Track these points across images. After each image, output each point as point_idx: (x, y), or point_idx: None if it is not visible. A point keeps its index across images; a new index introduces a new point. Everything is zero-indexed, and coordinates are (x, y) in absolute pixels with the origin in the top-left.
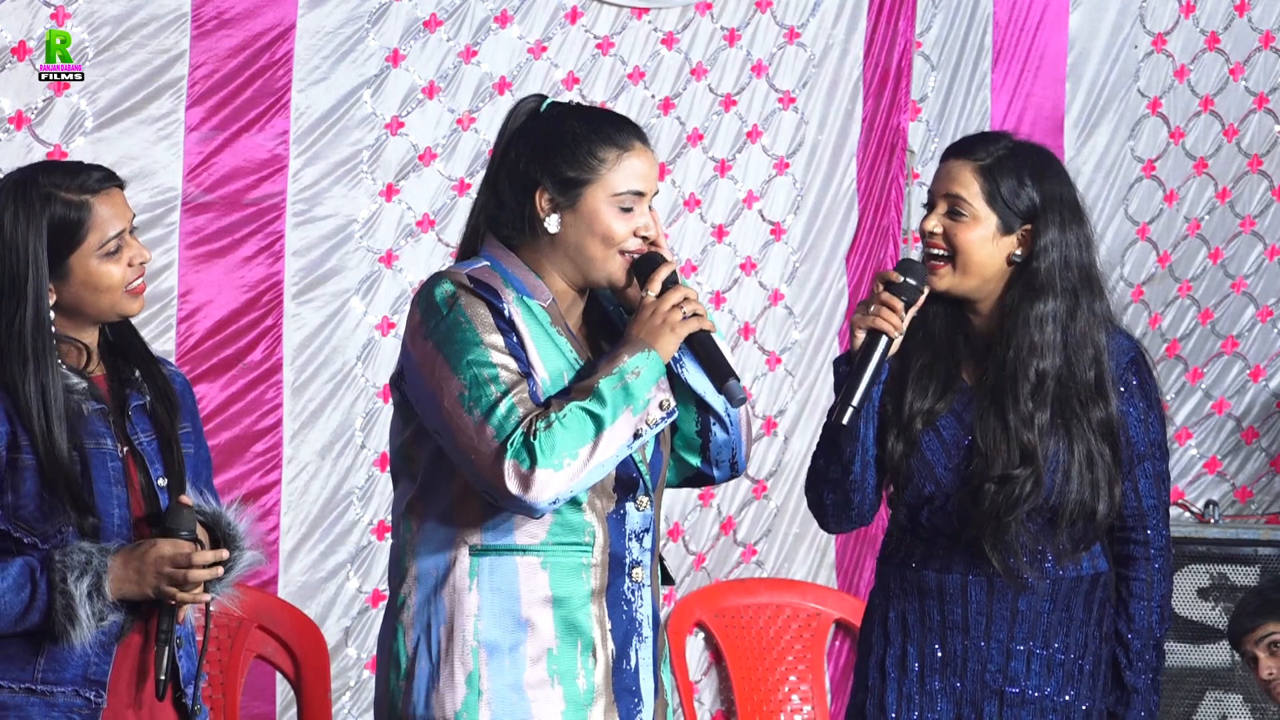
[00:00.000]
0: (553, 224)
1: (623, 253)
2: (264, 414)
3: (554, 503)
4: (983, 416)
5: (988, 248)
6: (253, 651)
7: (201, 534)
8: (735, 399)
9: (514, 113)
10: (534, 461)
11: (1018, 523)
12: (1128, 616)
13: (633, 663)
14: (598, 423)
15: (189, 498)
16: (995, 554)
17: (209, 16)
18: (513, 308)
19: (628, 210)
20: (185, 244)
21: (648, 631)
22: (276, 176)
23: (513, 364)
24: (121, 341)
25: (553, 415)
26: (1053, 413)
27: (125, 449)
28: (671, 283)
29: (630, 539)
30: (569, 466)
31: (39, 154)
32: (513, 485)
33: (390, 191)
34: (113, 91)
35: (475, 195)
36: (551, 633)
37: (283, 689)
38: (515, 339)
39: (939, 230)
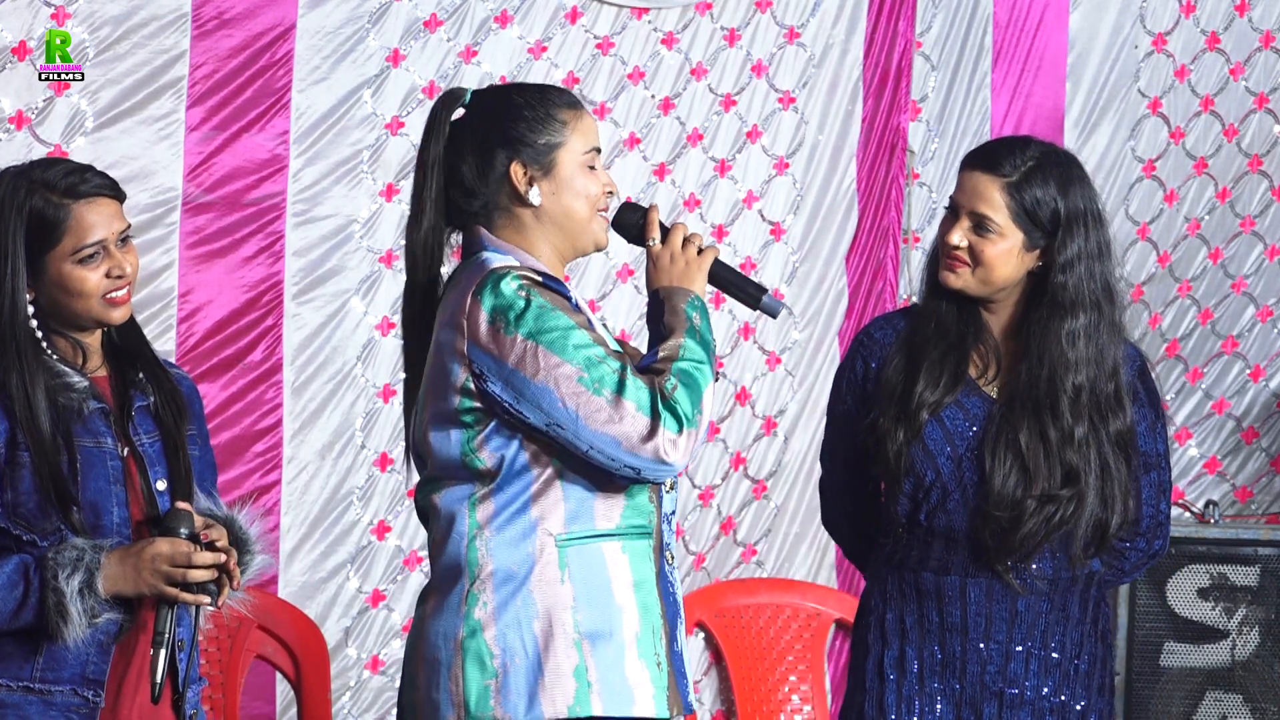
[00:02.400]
0: (534, 196)
1: (600, 212)
2: (264, 414)
3: (686, 462)
4: (1018, 429)
5: (1013, 263)
6: (253, 651)
7: (220, 534)
8: (775, 312)
9: (441, 110)
10: (681, 425)
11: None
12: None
13: (680, 645)
14: (705, 375)
15: (194, 502)
16: (1010, 568)
17: (209, 16)
18: (571, 291)
19: (592, 169)
20: (185, 244)
21: (683, 613)
22: (277, 176)
23: (607, 338)
24: (126, 343)
25: (672, 378)
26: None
27: (126, 449)
28: (663, 226)
29: (664, 522)
30: (700, 422)
31: (39, 154)
32: (669, 452)
33: (390, 191)
34: (113, 91)
35: (418, 203)
36: (636, 616)
37: (283, 689)
38: (587, 319)
39: (964, 244)
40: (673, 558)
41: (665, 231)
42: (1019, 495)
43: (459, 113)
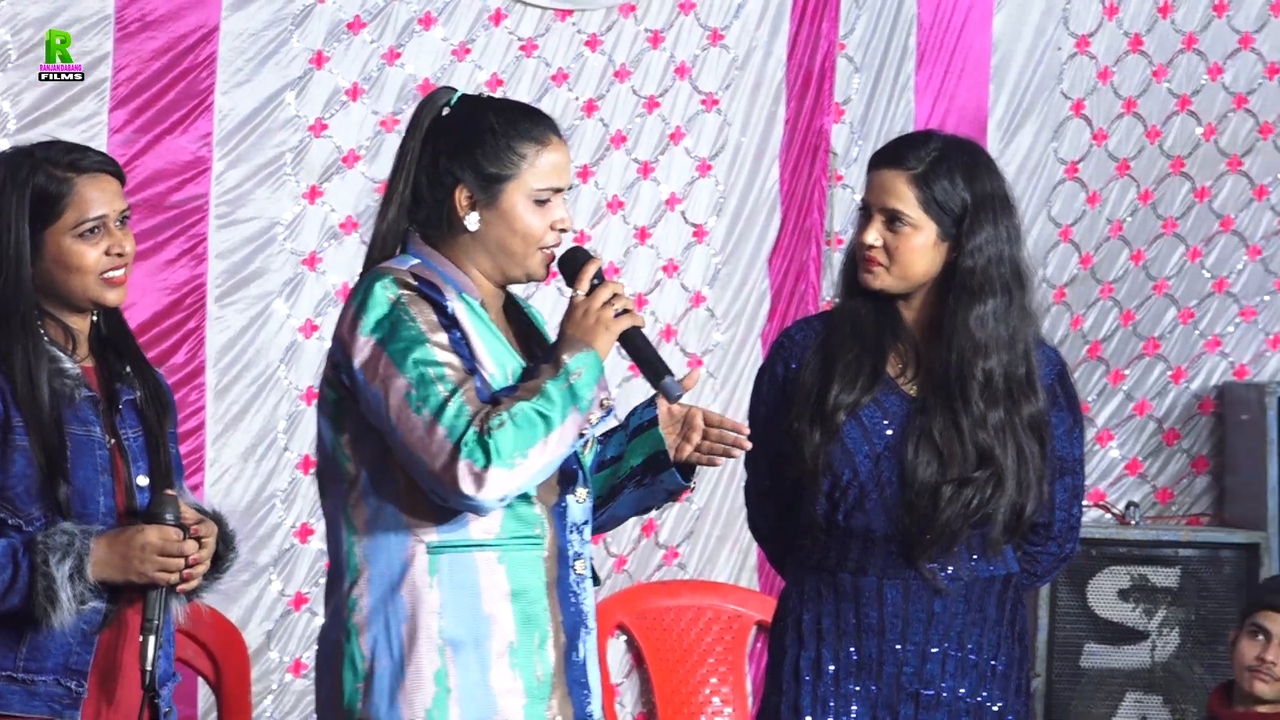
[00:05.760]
0: (472, 222)
1: (542, 249)
2: (187, 417)
3: (501, 500)
4: (932, 419)
5: (929, 255)
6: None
7: (209, 530)
8: (671, 396)
9: (426, 106)
10: (488, 460)
11: (966, 527)
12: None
13: (581, 655)
14: (547, 423)
15: (181, 496)
16: (931, 560)
17: (132, 19)
18: (455, 304)
19: (544, 204)
20: None
21: (592, 624)
22: (200, 179)
23: (458, 361)
24: (114, 335)
25: (504, 414)
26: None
27: (112, 441)
28: (598, 279)
29: (571, 531)
30: (520, 466)
31: None
32: (466, 485)
33: (314, 193)
34: (35, 94)
35: (389, 193)
36: (512, 626)
37: (204, 693)
38: (459, 335)
39: (879, 243)
40: (584, 567)
41: (594, 285)
42: (936, 481)
43: (445, 112)
